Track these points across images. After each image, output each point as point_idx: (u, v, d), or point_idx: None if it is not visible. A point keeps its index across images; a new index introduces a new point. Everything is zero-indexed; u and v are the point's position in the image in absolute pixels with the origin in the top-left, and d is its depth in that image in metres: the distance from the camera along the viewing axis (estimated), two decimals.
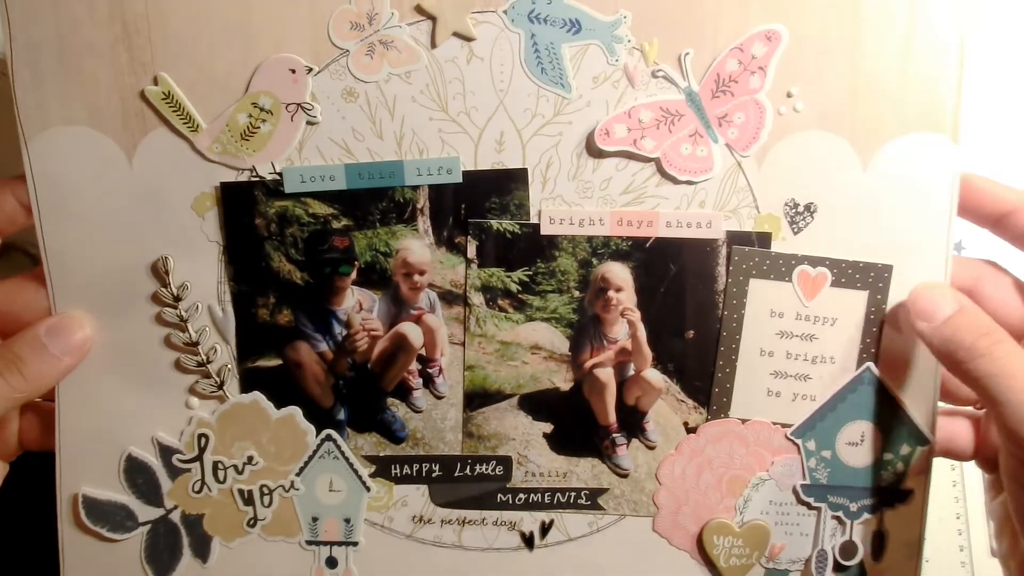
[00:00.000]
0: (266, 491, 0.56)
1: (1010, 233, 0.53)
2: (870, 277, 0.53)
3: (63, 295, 0.53)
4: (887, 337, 0.54)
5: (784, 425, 0.55)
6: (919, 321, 0.51)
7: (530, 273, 0.54)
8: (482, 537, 0.57)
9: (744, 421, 0.55)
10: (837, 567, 0.56)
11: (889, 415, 0.55)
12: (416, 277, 0.54)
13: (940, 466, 0.60)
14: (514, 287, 0.54)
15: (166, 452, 0.55)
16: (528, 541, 0.57)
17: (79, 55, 0.51)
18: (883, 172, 0.52)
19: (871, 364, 0.54)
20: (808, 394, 0.54)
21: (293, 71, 0.51)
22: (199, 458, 0.55)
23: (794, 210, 0.53)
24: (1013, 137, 0.61)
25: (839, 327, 0.54)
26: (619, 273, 0.53)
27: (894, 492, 0.56)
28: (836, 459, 0.55)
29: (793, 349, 0.54)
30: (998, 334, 0.49)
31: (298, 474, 0.56)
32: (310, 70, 0.51)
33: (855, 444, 0.55)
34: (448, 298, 0.54)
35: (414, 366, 0.55)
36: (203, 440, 0.55)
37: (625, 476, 0.56)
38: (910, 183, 0.52)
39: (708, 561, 0.57)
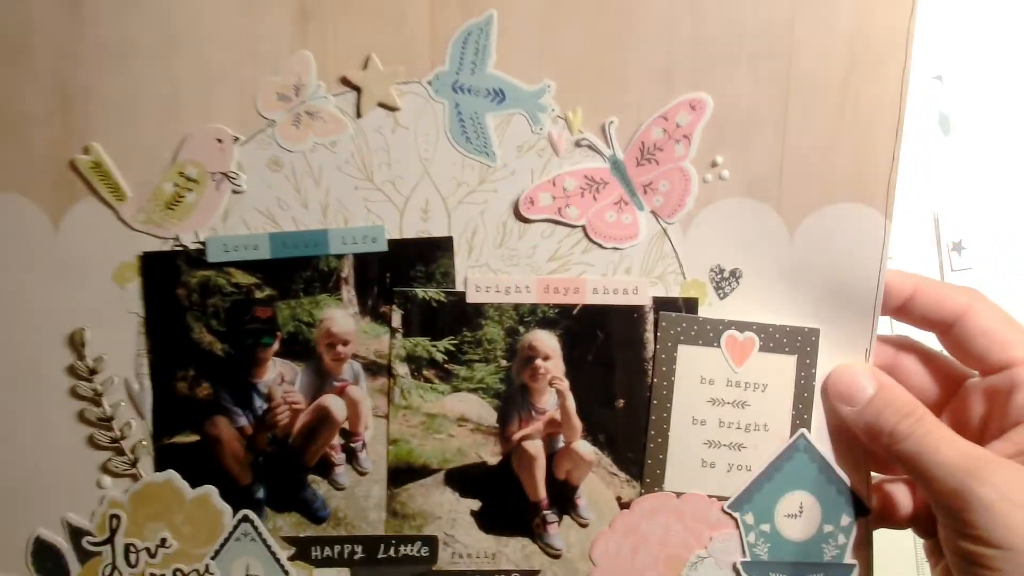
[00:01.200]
0: None
1: (912, 317, 0.53)
2: (797, 341, 0.52)
3: None
4: (819, 402, 0.53)
5: (720, 498, 0.53)
6: (841, 406, 0.51)
7: (456, 342, 0.52)
8: None
9: (679, 494, 0.53)
10: None
11: (826, 484, 0.53)
12: (340, 348, 0.52)
13: None
14: (440, 357, 0.53)
15: (76, 534, 0.52)
16: None
17: (16, 123, 0.51)
18: (810, 239, 0.51)
19: (804, 431, 0.52)
20: (743, 464, 0.53)
21: (220, 140, 0.51)
22: (110, 540, 0.52)
23: (720, 275, 0.52)
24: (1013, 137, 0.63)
25: (770, 393, 0.52)
26: (547, 341, 0.52)
27: (836, 567, 0.53)
28: (776, 533, 0.53)
29: (725, 417, 0.53)
30: (919, 411, 0.49)
31: (213, 557, 0.52)
32: (236, 139, 0.51)
33: (794, 516, 0.53)
34: (372, 369, 0.53)
35: (337, 440, 0.53)
36: (115, 521, 0.52)
37: (557, 557, 0.53)
38: (837, 251, 0.51)
39: None
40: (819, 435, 0.53)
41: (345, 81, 0.51)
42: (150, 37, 0.51)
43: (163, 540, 0.52)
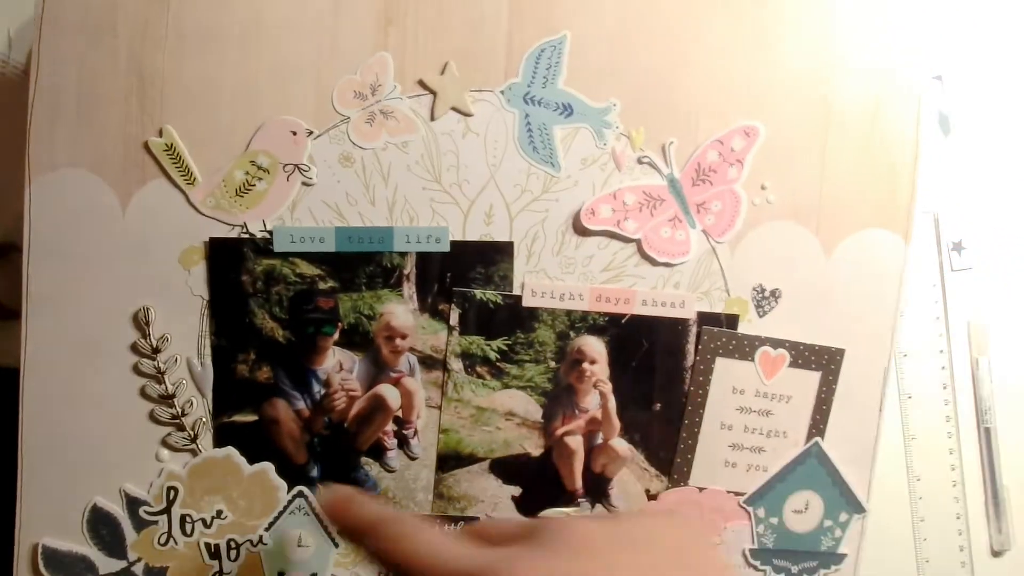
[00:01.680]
0: (233, 545, 0.55)
1: None
2: (824, 359, 0.56)
3: (40, 333, 0.52)
4: (834, 414, 0.57)
5: (737, 493, 0.57)
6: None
7: (509, 343, 0.55)
8: None
9: (702, 489, 0.57)
10: None
11: (831, 485, 0.58)
12: (398, 341, 0.54)
13: (940, 466, 0.62)
14: (493, 355, 0.55)
15: (133, 503, 0.54)
16: None
17: (95, 103, 0.51)
18: (842, 263, 0.55)
19: (819, 439, 0.57)
20: (761, 465, 0.57)
21: (294, 133, 0.52)
22: (167, 511, 0.54)
23: (761, 295, 0.56)
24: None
25: (793, 404, 0.56)
26: (595, 346, 0.55)
27: (831, 556, 0.59)
28: (782, 525, 0.58)
29: (751, 424, 0.57)
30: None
31: (267, 529, 0.55)
32: (310, 133, 0.52)
33: (800, 512, 0.58)
34: (428, 363, 0.55)
35: (390, 427, 0.55)
36: (172, 493, 0.54)
37: None
38: (865, 274, 0.55)
39: None
40: (831, 443, 0.57)
41: (422, 84, 0.52)
42: (234, 26, 0.51)
43: (219, 512, 0.55)
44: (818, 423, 0.57)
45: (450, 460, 0.56)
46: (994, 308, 0.62)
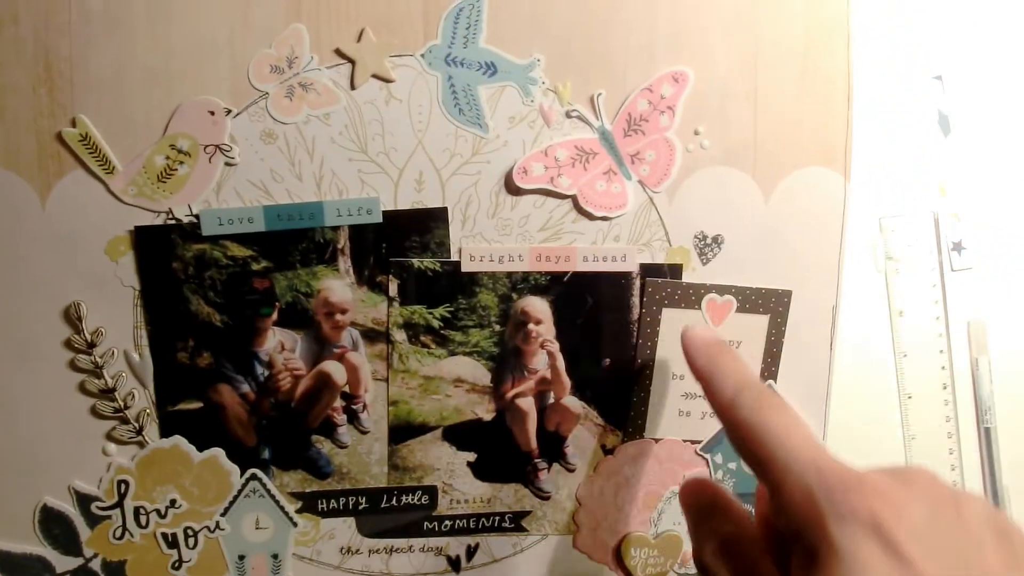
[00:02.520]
0: (191, 533, 0.54)
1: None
2: (771, 302, 0.55)
3: None
4: (785, 355, 0.56)
5: (694, 442, 0.57)
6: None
7: (451, 309, 0.53)
8: (409, 563, 0.56)
9: (657, 440, 0.56)
10: None
11: None
12: (338, 316, 0.53)
13: (940, 466, 0.61)
14: (436, 323, 0.54)
15: (84, 500, 0.53)
16: (455, 564, 0.57)
17: (2, 96, 0.49)
18: (782, 204, 0.54)
19: (772, 382, 0.56)
20: None
21: (212, 112, 0.50)
22: (119, 504, 0.53)
23: (703, 242, 0.54)
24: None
25: (743, 349, 0.55)
26: (538, 306, 0.54)
27: None
28: (740, 469, 0.57)
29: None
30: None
31: (223, 514, 0.54)
32: (229, 112, 0.50)
33: None
34: (371, 336, 0.54)
35: (338, 403, 0.54)
36: (123, 486, 0.53)
37: (547, 499, 0.56)
38: (806, 214, 0.54)
39: (626, 572, 0.58)
40: (784, 384, 0.57)
41: (339, 53, 0.50)
42: (140, 7, 0.49)
43: (172, 501, 0.53)
44: (769, 366, 0.56)
45: (402, 431, 0.54)
46: (994, 308, 0.61)
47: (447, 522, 0.56)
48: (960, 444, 0.62)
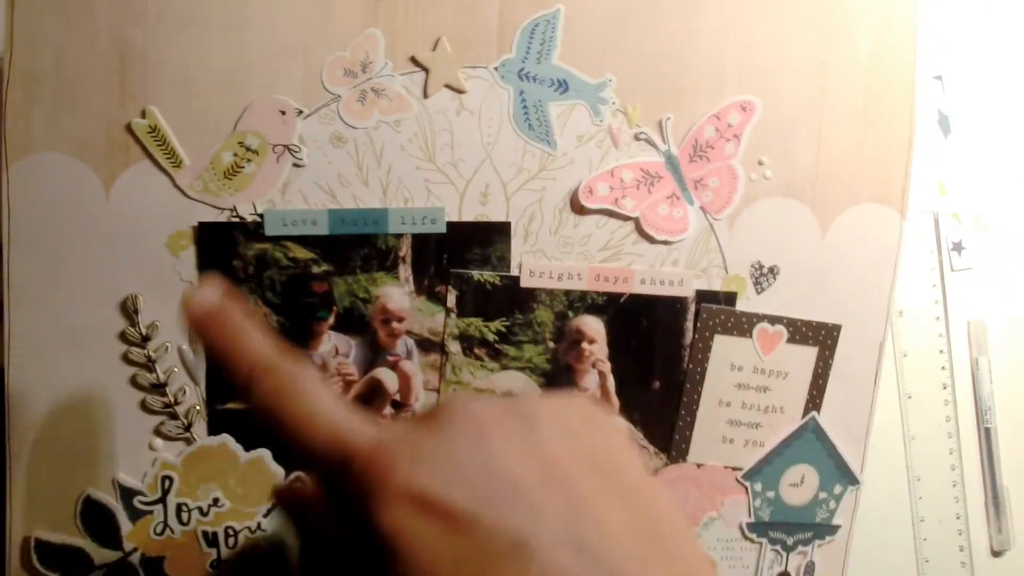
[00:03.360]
0: (231, 532, 0.53)
1: None
2: (821, 335, 0.55)
3: (24, 325, 0.50)
4: (830, 389, 0.56)
5: (735, 468, 0.57)
6: None
7: (507, 324, 0.53)
8: None
9: (700, 466, 0.56)
10: None
11: (826, 458, 0.57)
12: (394, 324, 0.53)
13: (940, 466, 0.61)
14: (491, 337, 0.54)
15: (127, 494, 0.52)
16: None
17: (74, 84, 0.48)
18: (839, 239, 0.54)
19: (816, 414, 0.56)
20: (758, 440, 0.56)
21: (283, 112, 0.49)
22: (162, 500, 0.52)
23: (759, 271, 0.55)
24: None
25: (790, 380, 0.56)
26: (593, 326, 0.54)
27: (825, 527, 0.58)
28: (779, 499, 0.58)
29: (748, 400, 0.56)
30: None
31: (265, 515, 0.54)
32: (300, 112, 0.49)
33: (796, 485, 0.58)
34: (425, 345, 0.53)
35: (388, 411, 0.53)
36: (167, 482, 0.52)
37: None
38: (861, 249, 0.55)
39: None
40: (826, 417, 0.57)
41: (414, 61, 0.50)
42: (218, 5, 0.48)
43: (215, 500, 0.53)
44: (814, 398, 0.56)
45: None
46: (994, 308, 0.62)
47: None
48: (960, 444, 0.63)
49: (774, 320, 0.55)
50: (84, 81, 0.49)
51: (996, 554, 0.63)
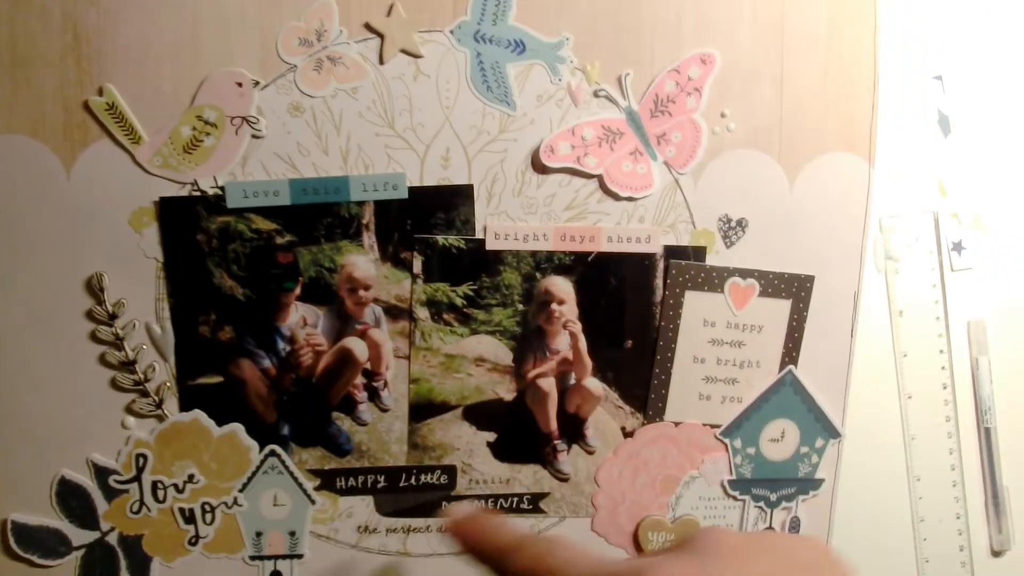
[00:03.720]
0: (208, 508, 0.53)
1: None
2: (794, 287, 0.55)
3: None
4: (806, 341, 0.56)
5: (713, 426, 0.56)
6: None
7: (475, 287, 0.53)
8: (427, 543, 0.55)
9: (677, 424, 0.56)
10: None
11: (806, 412, 0.57)
12: (361, 292, 0.52)
13: (940, 466, 0.60)
14: (459, 301, 0.53)
15: (102, 473, 0.52)
16: None
17: (28, 64, 0.48)
18: (807, 189, 0.54)
19: (792, 367, 0.56)
20: (735, 396, 0.56)
21: (240, 84, 0.49)
22: (137, 478, 0.52)
23: (727, 225, 0.54)
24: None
25: (765, 333, 0.55)
26: (562, 286, 0.53)
27: (808, 482, 0.58)
28: (759, 455, 0.57)
29: (723, 355, 0.56)
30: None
31: (241, 490, 0.53)
32: (257, 83, 0.49)
33: (776, 440, 0.57)
34: (393, 312, 0.53)
35: (359, 380, 0.53)
36: (141, 460, 0.52)
37: (565, 480, 0.56)
38: (830, 199, 0.54)
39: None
40: (804, 370, 0.56)
41: (368, 27, 0.50)
42: None
43: (191, 476, 0.53)
44: (791, 351, 0.55)
45: (422, 409, 0.54)
46: (994, 308, 0.61)
47: (465, 502, 0.56)
48: (960, 444, 0.62)
49: (745, 274, 0.54)
50: (39, 61, 0.48)
51: (996, 554, 0.62)
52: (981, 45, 0.58)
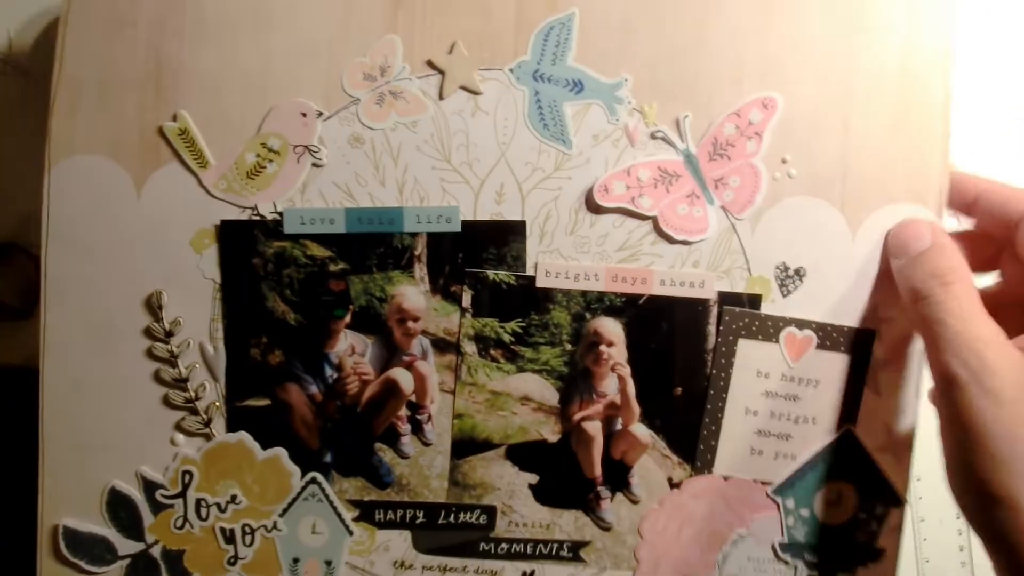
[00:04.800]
0: (248, 530, 0.53)
1: (979, 215, 0.53)
2: (853, 341, 0.53)
3: (57, 321, 0.52)
4: (867, 399, 0.54)
5: (765, 482, 0.54)
6: (892, 258, 0.52)
7: (523, 324, 0.53)
8: None
9: (727, 478, 0.54)
10: None
11: (866, 476, 0.54)
12: (410, 323, 0.53)
13: (940, 467, 0.55)
14: (507, 338, 0.53)
15: (150, 487, 0.53)
16: None
17: (114, 91, 0.51)
18: (870, 240, 0.52)
19: (851, 426, 0.54)
20: (789, 453, 0.53)
21: (304, 114, 0.51)
22: (183, 494, 0.53)
23: (784, 273, 0.53)
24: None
25: (821, 389, 0.53)
26: (612, 328, 0.53)
27: (867, 551, 0.55)
28: (813, 517, 0.54)
29: (777, 409, 0.54)
30: (952, 276, 0.48)
31: (281, 515, 0.53)
32: (320, 114, 0.51)
33: (832, 503, 0.55)
34: (440, 345, 0.53)
35: (403, 412, 0.53)
36: (187, 477, 0.53)
37: (608, 530, 0.54)
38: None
39: None
40: (864, 429, 0.54)
41: (430, 64, 0.51)
42: (247, 13, 0.51)
43: (233, 496, 0.53)
44: (849, 407, 0.53)
45: (465, 446, 0.53)
46: None
47: (504, 545, 0.55)
48: None
49: (802, 324, 0.53)
50: (122, 88, 0.51)
51: None
52: (981, 45, 0.58)
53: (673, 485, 0.54)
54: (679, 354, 0.53)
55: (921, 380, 0.53)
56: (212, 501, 0.53)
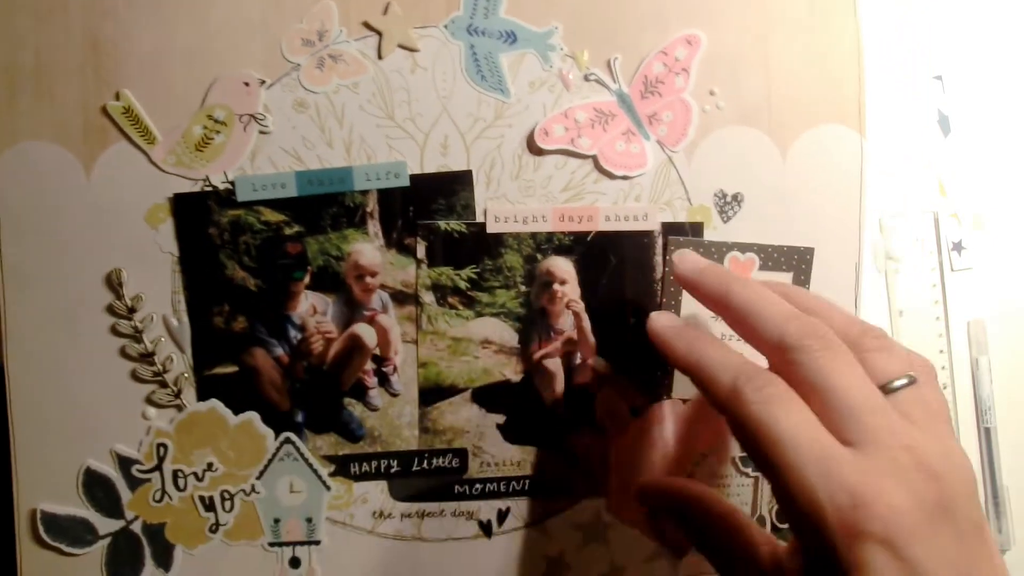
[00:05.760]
0: (227, 496, 0.54)
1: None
2: (794, 259, 0.55)
3: (18, 307, 0.53)
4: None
5: None
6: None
7: (478, 271, 0.54)
8: (441, 528, 0.56)
9: (685, 401, 0.57)
10: (774, 529, 0.58)
11: None
12: (368, 279, 0.54)
13: None
14: (463, 284, 0.55)
15: (125, 463, 0.54)
16: (486, 529, 0.57)
17: (52, 75, 0.52)
18: (800, 162, 0.55)
19: None
20: None
21: (247, 84, 0.52)
22: (159, 468, 0.54)
23: (723, 200, 0.55)
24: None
25: None
26: (563, 267, 0.55)
27: None
28: None
29: (726, 330, 0.56)
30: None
31: (258, 478, 0.54)
32: (263, 83, 0.52)
33: None
34: (400, 298, 0.55)
35: (369, 366, 0.55)
36: (162, 449, 0.54)
37: (577, 462, 0.57)
38: (824, 172, 0.55)
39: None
40: None
41: (367, 25, 0.52)
42: None
43: (209, 464, 0.54)
44: None
45: (432, 393, 0.55)
46: (994, 308, 0.61)
47: (477, 485, 0.57)
48: (960, 444, 0.62)
49: (744, 248, 0.56)
50: (62, 72, 0.52)
51: None
52: (981, 45, 0.60)
53: (635, 413, 0.57)
54: (629, 286, 0.55)
55: (859, 294, 0.56)
56: (189, 471, 0.54)
